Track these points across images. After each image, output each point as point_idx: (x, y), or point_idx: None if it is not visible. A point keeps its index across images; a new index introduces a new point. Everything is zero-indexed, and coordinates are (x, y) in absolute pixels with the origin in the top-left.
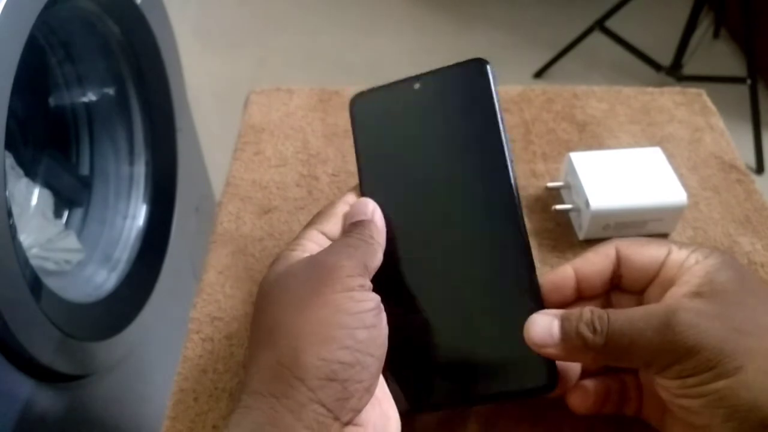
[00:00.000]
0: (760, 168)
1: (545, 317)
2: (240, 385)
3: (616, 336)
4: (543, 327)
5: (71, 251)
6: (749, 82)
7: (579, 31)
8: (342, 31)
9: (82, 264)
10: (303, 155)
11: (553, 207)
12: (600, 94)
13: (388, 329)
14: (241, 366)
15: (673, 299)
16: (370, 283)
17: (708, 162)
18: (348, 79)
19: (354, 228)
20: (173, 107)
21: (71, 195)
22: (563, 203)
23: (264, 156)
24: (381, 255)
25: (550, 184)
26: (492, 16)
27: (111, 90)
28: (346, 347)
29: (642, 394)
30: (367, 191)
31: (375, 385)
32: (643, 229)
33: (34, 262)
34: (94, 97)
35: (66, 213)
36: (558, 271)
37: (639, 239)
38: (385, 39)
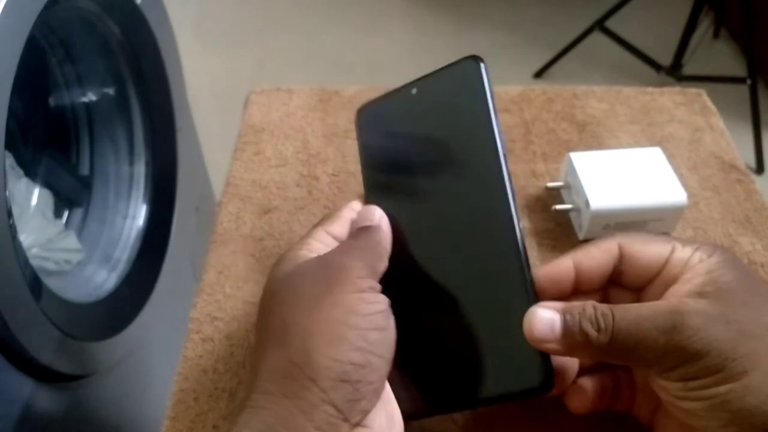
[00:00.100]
0: (760, 168)
1: (546, 311)
2: (240, 385)
3: (621, 335)
4: (544, 321)
5: (71, 251)
6: (749, 82)
7: (579, 31)
8: (342, 31)
9: (82, 264)
10: (303, 155)
11: (553, 207)
12: (600, 94)
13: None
14: (241, 366)
15: (678, 299)
16: (379, 285)
17: (708, 162)
18: (348, 79)
19: (361, 233)
20: (173, 107)
21: (71, 195)
22: (563, 203)
23: (264, 156)
24: (387, 260)
25: (550, 184)
26: (492, 16)
27: (111, 90)
28: (358, 348)
29: (634, 391)
30: (372, 200)
31: (383, 387)
32: (643, 229)
33: (34, 262)
34: (94, 97)
35: (66, 213)
36: (557, 263)
37: (642, 235)
38: (385, 39)
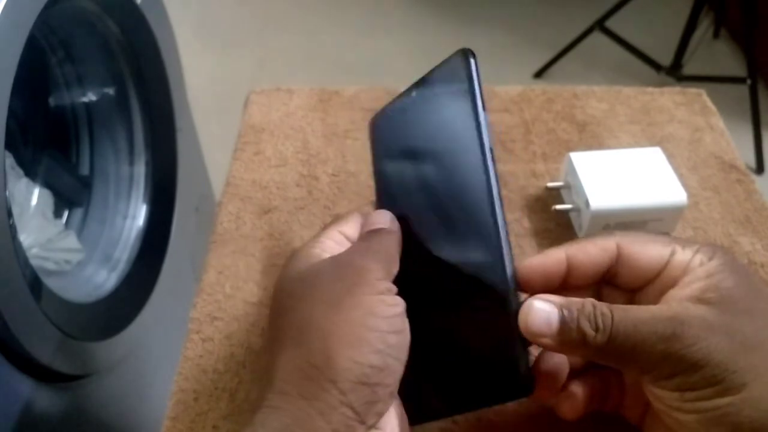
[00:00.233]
0: (760, 168)
1: (544, 303)
2: (240, 385)
3: (619, 338)
4: (540, 314)
5: (71, 251)
6: (749, 82)
7: (579, 31)
8: (342, 31)
9: (82, 264)
10: (303, 155)
11: (553, 207)
12: (600, 94)
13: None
14: (242, 366)
15: (678, 304)
16: (395, 288)
17: (708, 162)
18: (348, 79)
19: (373, 235)
20: (173, 107)
21: (71, 195)
22: (563, 203)
23: (264, 156)
24: (398, 263)
25: (550, 184)
26: (492, 16)
27: (111, 90)
28: (377, 351)
29: (623, 391)
30: (381, 205)
31: (396, 390)
32: (643, 229)
33: (34, 262)
34: (94, 97)
35: (66, 213)
36: (548, 254)
37: (641, 235)
38: (385, 39)
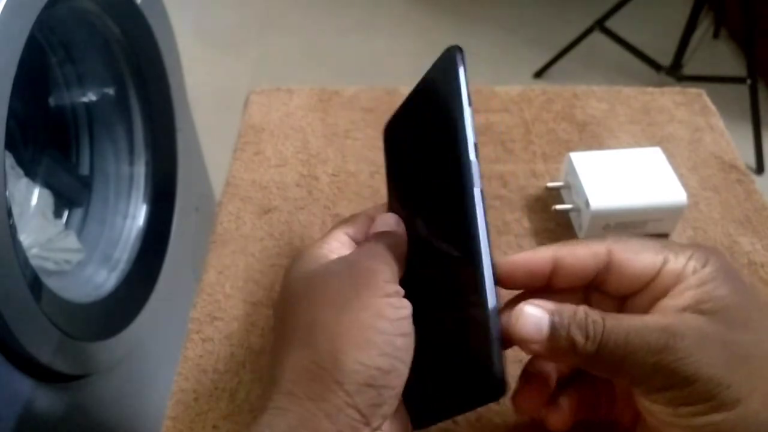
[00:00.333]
0: (760, 168)
1: (535, 309)
2: (240, 385)
3: (609, 347)
4: (531, 319)
5: (71, 251)
6: (749, 82)
7: (579, 31)
8: (342, 31)
9: (82, 264)
10: (303, 155)
11: (553, 207)
12: (600, 94)
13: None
14: (242, 366)
15: (672, 315)
16: (402, 290)
17: (708, 162)
18: (348, 79)
19: (380, 237)
20: (173, 107)
21: (71, 195)
22: (563, 203)
23: (264, 156)
24: (404, 266)
25: (550, 184)
26: (492, 16)
27: (111, 90)
28: (385, 354)
29: (614, 398)
30: (390, 209)
31: (401, 393)
32: (643, 229)
33: (34, 262)
34: (94, 97)
35: (66, 213)
36: (535, 252)
37: (634, 242)
38: (385, 39)
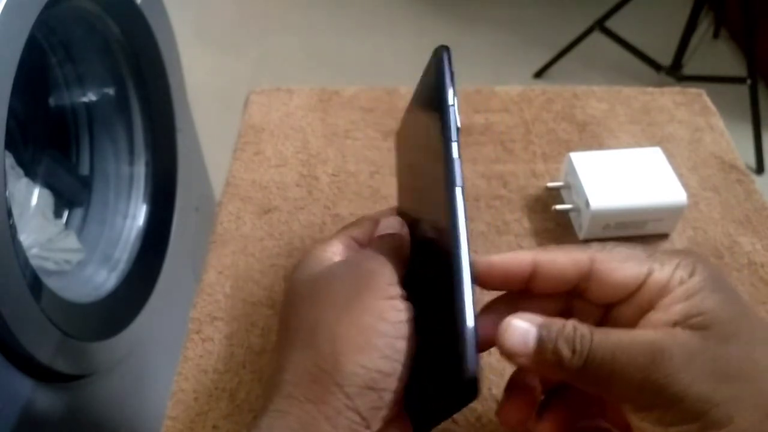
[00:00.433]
0: (760, 168)
1: (522, 322)
2: (240, 385)
3: (595, 363)
4: (518, 333)
5: (71, 251)
6: (749, 82)
7: (579, 31)
8: (342, 31)
9: (82, 264)
10: (303, 155)
11: (553, 207)
12: (600, 94)
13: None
14: (242, 366)
15: (660, 330)
16: (404, 292)
17: (708, 162)
18: (348, 79)
19: (384, 239)
20: (173, 107)
21: (71, 195)
22: (563, 203)
23: (264, 156)
24: (406, 268)
25: (550, 184)
26: (492, 16)
27: (111, 90)
28: (386, 357)
29: (605, 408)
30: (399, 213)
31: (402, 396)
32: (643, 229)
33: (34, 262)
34: (94, 97)
35: (66, 213)
36: (515, 255)
37: (618, 251)
38: (385, 39)
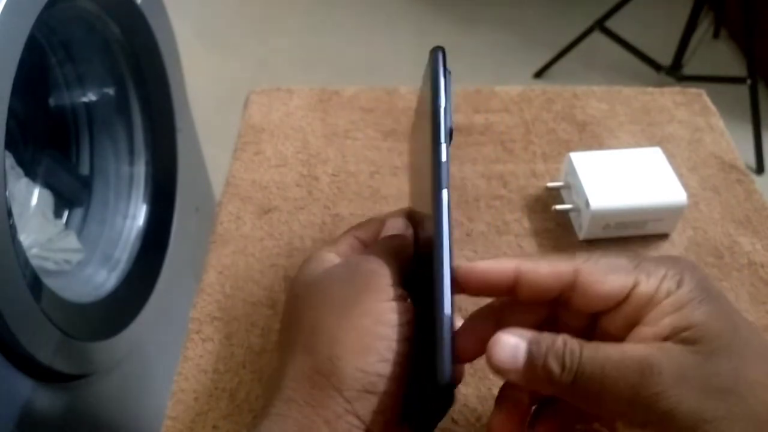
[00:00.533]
0: (760, 168)
1: (511, 337)
2: (240, 385)
3: (585, 378)
4: (507, 348)
5: (71, 251)
6: (749, 82)
7: (579, 31)
8: (342, 31)
9: (82, 264)
10: (303, 155)
11: (553, 207)
12: (600, 94)
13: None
14: (241, 366)
15: (650, 345)
16: (406, 293)
17: (708, 162)
18: (348, 79)
19: (387, 240)
20: (173, 107)
21: (71, 195)
22: (563, 203)
23: (264, 156)
24: (408, 269)
25: (550, 184)
26: (492, 16)
27: (111, 90)
28: (384, 360)
29: (600, 416)
30: (410, 214)
31: (401, 398)
32: (643, 229)
33: (34, 262)
34: (94, 97)
35: (66, 213)
36: (497, 263)
37: (603, 262)
38: (385, 39)
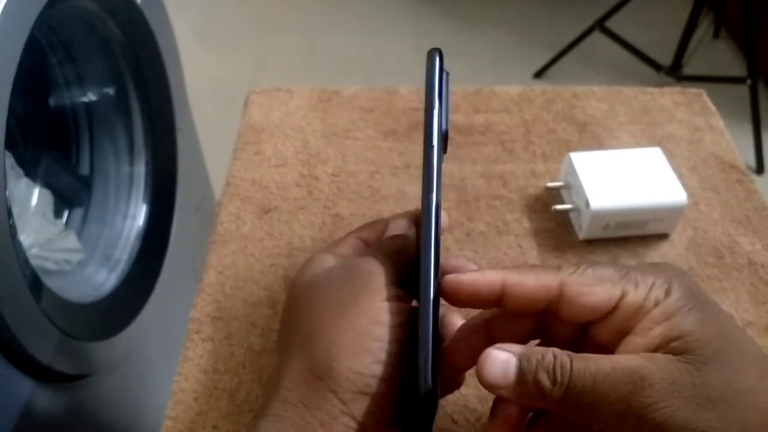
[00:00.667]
0: (760, 168)
1: (502, 354)
2: (240, 385)
3: (576, 392)
4: (497, 364)
5: (71, 251)
6: (749, 82)
7: (579, 31)
8: (342, 31)
9: (82, 264)
10: (303, 155)
11: (553, 207)
12: (600, 94)
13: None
14: (241, 366)
15: (640, 356)
16: (403, 293)
17: (708, 162)
18: (348, 79)
19: (388, 240)
20: (173, 107)
21: (71, 195)
22: (563, 203)
23: (264, 156)
24: (408, 270)
25: (550, 184)
26: (492, 16)
27: (111, 90)
28: (380, 361)
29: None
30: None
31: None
32: (643, 229)
33: (34, 262)
34: (94, 97)
35: (66, 213)
36: (483, 276)
37: (590, 274)
38: (385, 39)
